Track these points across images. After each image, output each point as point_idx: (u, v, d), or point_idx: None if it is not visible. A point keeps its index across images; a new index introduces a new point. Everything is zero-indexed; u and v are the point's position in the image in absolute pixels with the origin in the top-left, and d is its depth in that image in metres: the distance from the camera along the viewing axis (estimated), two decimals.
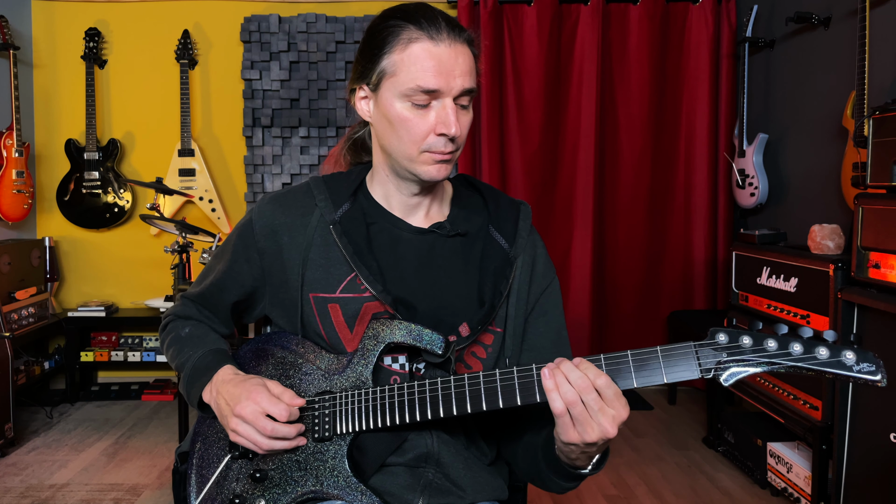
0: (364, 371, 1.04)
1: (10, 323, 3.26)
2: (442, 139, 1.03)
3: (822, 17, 2.98)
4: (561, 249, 3.82)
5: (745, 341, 0.89)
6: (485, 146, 3.72)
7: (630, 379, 0.91)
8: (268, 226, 1.13)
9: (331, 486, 1.02)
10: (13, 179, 3.51)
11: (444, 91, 1.01)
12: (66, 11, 3.87)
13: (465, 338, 1.06)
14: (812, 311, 2.36)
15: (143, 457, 2.99)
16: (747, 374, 0.89)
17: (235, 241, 1.17)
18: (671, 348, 0.91)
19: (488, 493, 1.10)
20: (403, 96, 1.02)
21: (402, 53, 1.01)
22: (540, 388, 0.94)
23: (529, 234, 1.16)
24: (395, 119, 1.04)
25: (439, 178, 1.06)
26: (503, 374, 0.96)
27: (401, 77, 1.02)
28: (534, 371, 0.95)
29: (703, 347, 0.90)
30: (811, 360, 0.86)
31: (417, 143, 1.04)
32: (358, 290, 1.07)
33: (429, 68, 1.00)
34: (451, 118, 1.01)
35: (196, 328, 1.17)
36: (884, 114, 2.08)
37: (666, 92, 3.81)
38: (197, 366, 1.11)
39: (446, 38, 1.01)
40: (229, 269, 1.16)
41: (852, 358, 0.85)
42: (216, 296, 1.18)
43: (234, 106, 3.88)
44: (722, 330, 0.90)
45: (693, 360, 0.90)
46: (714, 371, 0.90)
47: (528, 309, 1.14)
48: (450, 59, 1.00)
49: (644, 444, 3.14)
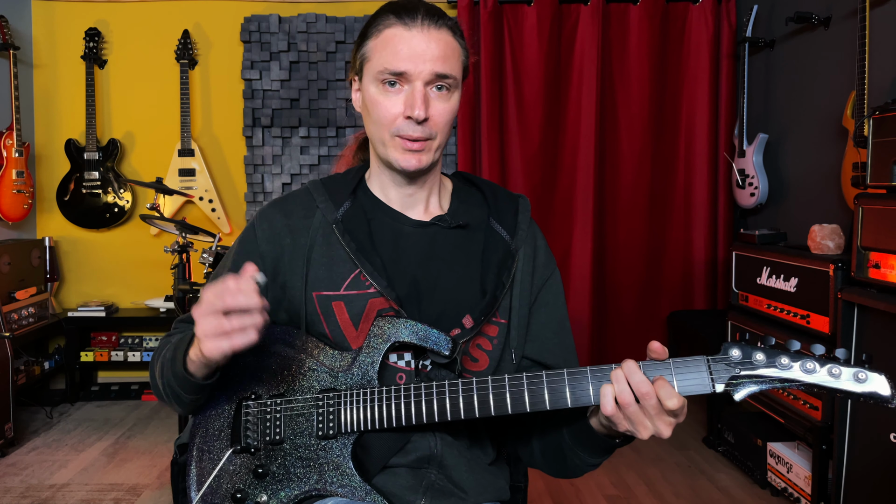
0: (370, 370, 1.03)
1: (10, 323, 3.26)
2: (411, 123, 1.04)
3: (822, 17, 2.98)
4: (561, 249, 3.81)
5: (758, 357, 0.89)
6: (485, 146, 3.72)
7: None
8: (270, 229, 1.13)
9: (334, 483, 1.01)
10: (13, 179, 3.51)
11: (411, 73, 1.03)
12: (66, 11, 3.87)
13: (469, 329, 1.06)
14: (812, 311, 2.36)
15: (143, 457, 2.98)
16: (759, 390, 0.90)
17: (237, 249, 1.16)
18: (683, 361, 0.91)
19: (490, 494, 1.10)
20: (376, 80, 1.06)
21: (376, 39, 1.06)
22: (549, 397, 0.93)
23: (529, 226, 1.17)
24: (370, 102, 1.08)
25: (410, 167, 1.06)
26: (512, 380, 0.95)
27: (374, 61, 1.06)
28: (543, 378, 0.95)
29: (716, 362, 0.90)
30: (824, 379, 0.87)
31: (387, 127, 1.06)
32: (363, 287, 1.07)
33: (398, 51, 1.03)
34: (417, 100, 1.03)
35: (185, 332, 1.11)
36: (884, 114, 2.08)
37: (666, 92, 3.81)
38: (177, 345, 1.05)
39: (419, 24, 1.04)
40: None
41: (864, 378, 0.85)
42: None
43: (234, 106, 3.88)
44: (735, 345, 0.90)
45: (706, 374, 0.90)
46: (726, 386, 0.89)
47: (531, 300, 1.15)
48: (421, 43, 1.03)
49: (644, 444, 3.14)
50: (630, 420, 0.89)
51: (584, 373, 0.93)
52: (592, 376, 0.93)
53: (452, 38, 1.07)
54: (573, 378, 0.94)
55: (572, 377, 0.94)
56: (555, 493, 2.65)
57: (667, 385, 0.88)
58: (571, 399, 0.93)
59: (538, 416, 1.08)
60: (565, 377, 0.94)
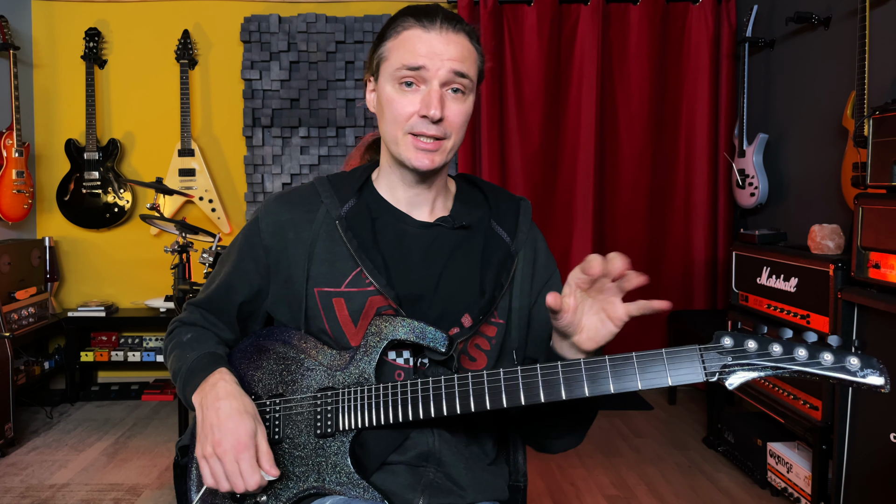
0: (367, 367, 1.04)
1: (10, 323, 3.26)
2: (425, 121, 1.05)
3: (822, 17, 2.98)
4: (561, 249, 3.81)
5: (749, 345, 0.89)
6: (485, 146, 3.72)
7: (634, 381, 0.91)
8: (274, 222, 1.13)
9: (332, 482, 1.02)
10: (13, 179, 3.51)
11: (429, 69, 1.04)
12: (66, 11, 3.87)
13: (468, 328, 1.07)
14: (812, 311, 2.36)
15: (143, 457, 2.98)
16: (752, 378, 0.90)
17: (241, 241, 1.17)
18: (676, 351, 0.91)
19: (489, 494, 1.10)
20: (393, 78, 1.07)
21: (395, 39, 1.08)
22: (544, 389, 0.93)
23: (530, 229, 1.18)
24: (385, 100, 1.09)
25: (423, 167, 1.07)
26: (507, 374, 0.96)
27: (391, 60, 1.07)
28: (538, 371, 0.95)
29: (707, 351, 0.90)
30: (815, 366, 0.86)
31: (401, 124, 1.07)
32: (363, 285, 1.08)
33: (416, 49, 1.05)
34: (434, 100, 1.04)
35: (198, 333, 1.16)
36: (884, 114, 2.08)
37: (666, 92, 3.81)
38: (192, 368, 1.09)
39: (438, 26, 1.05)
40: (235, 269, 1.16)
41: (856, 364, 0.85)
42: (223, 297, 1.17)
43: (234, 106, 3.88)
44: (727, 333, 0.90)
45: (698, 363, 0.90)
46: (719, 375, 0.89)
47: (531, 301, 1.16)
48: (439, 44, 1.05)
49: (644, 444, 3.14)
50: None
51: (579, 364, 0.94)
52: (587, 369, 0.93)
53: (469, 42, 1.08)
54: (567, 371, 0.94)
55: (566, 370, 0.94)
56: (555, 493, 2.65)
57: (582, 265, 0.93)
58: (566, 392, 0.93)
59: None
60: (559, 370, 0.94)
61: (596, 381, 0.92)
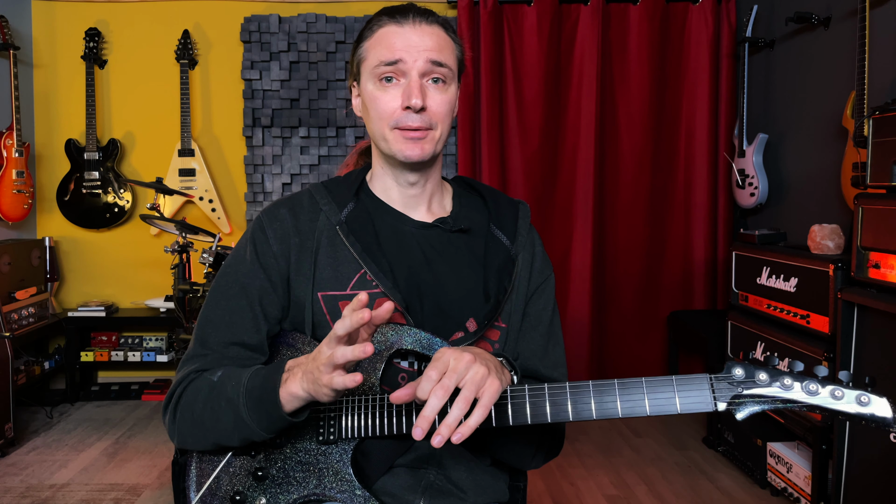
0: (371, 376, 1.03)
1: (10, 323, 3.26)
2: (409, 114, 1.06)
3: (822, 17, 2.98)
4: (561, 249, 3.81)
5: (761, 377, 0.89)
6: (485, 146, 3.72)
7: (643, 406, 0.91)
8: (280, 228, 1.11)
9: (333, 489, 1.02)
10: (13, 179, 3.51)
11: (406, 62, 1.05)
12: (66, 11, 3.87)
13: (473, 333, 1.07)
14: (812, 311, 2.36)
15: (143, 457, 2.99)
16: (761, 410, 0.90)
17: (251, 250, 1.11)
18: (686, 378, 0.91)
19: (489, 496, 1.10)
20: (373, 76, 1.08)
21: (371, 39, 1.10)
22: (551, 409, 0.94)
23: (528, 232, 1.19)
24: (368, 99, 1.10)
25: (414, 156, 1.07)
26: (514, 392, 0.95)
27: (370, 59, 1.09)
28: (546, 390, 0.95)
29: (719, 380, 0.90)
30: (826, 401, 0.87)
31: (386, 120, 1.07)
32: (369, 287, 1.07)
33: (392, 44, 1.06)
34: (414, 90, 1.05)
35: (225, 369, 1.05)
36: (884, 114, 2.08)
37: (666, 92, 3.81)
38: (249, 386, 0.99)
39: (411, 20, 1.07)
40: (247, 286, 1.10)
41: (867, 401, 0.86)
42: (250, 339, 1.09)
43: (234, 106, 3.88)
44: (738, 364, 0.90)
45: (708, 392, 0.90)
46: (728, 406, 0.90)
47: (525, 304, 1.16)
48: (413, 36, 1.06)
49: (644, 444, 3.14)
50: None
51: (587, 386, 0.94)
52: (595, 392, 0.94)
53: (444, 32, 1.10)
54: (575, 391, 0.94)
55: (574, 390, 0.94)
56: (555, 494, 2.65)
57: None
58: (573, 413, 0.93)
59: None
60: (567, 390, 0.95)
61: (603, 405, 0.93)
